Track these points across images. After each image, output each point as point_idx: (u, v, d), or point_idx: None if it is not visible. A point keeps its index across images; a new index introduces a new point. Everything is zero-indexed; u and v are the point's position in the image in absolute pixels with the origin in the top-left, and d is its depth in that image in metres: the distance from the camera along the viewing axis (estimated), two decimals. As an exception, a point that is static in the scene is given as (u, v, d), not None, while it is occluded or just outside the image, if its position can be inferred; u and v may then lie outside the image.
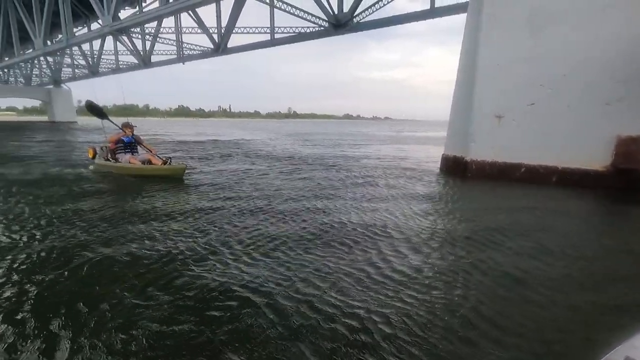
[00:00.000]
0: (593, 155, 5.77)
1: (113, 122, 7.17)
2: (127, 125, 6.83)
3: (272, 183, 6.02)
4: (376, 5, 16.53)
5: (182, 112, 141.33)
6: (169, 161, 6.31)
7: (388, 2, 16.34)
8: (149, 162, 6.49)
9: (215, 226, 3.56)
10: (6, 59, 30.38)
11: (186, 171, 6.26)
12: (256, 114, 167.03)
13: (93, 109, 7.27)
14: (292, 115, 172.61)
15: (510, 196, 5.53)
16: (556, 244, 3.20)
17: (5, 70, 40.57)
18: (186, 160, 7.75)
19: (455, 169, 7.13)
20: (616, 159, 5.60)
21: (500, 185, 6.13)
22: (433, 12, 15.66)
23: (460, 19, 7.54)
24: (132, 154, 6.69)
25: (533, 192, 5.68)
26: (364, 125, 68.08)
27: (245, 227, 3.53)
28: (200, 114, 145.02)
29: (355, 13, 17.30)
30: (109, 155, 6.95)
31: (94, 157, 7.24)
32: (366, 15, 17.13)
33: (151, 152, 6.77)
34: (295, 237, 3.29)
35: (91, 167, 7.19)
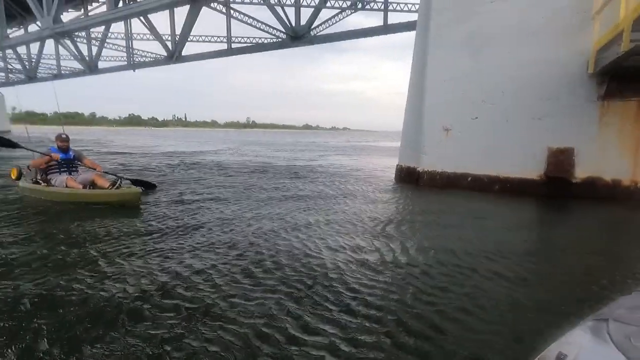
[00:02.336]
0: (529, 165, 6.32)
1: (29, 149, 5.59)
2: (60, 138, 5.47)
3: (238, 202, 5.36)
4: (331, 20, 17.04)
5: (133, 120, 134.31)
6: (119, 182, 5.04)
7: (343, 18, 16.90)
8: (93, 183, 5.23)
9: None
10: None
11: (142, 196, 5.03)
12: (213, 124, 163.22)
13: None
14: (250, 125, 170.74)
15: (455, 202, 5.94)
16: (487, 245, 3.48)
17: None
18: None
19: (409, 178, 7.47)
20: (548, 169, 6.18)
21: (449, 193, 6.52)
22: (386, 29, 16.45)
23: (413, 35, 7.98)
24: (70, 174, 5.37)
25: (477, 199, 6.13)
26: (323, 135, 69.06)
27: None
28: (153, 123, 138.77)
29: (313, 26, 17.69)
30: (39, 177, 5.51)
31: (18, 179, 5.77)
32: (323, 29, 17.59)
33: (96, 170, 5.54)
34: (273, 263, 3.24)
35: (18, 190, 5.80)
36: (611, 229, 4.52)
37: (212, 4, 16.26)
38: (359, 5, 16.51)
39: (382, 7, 16.15)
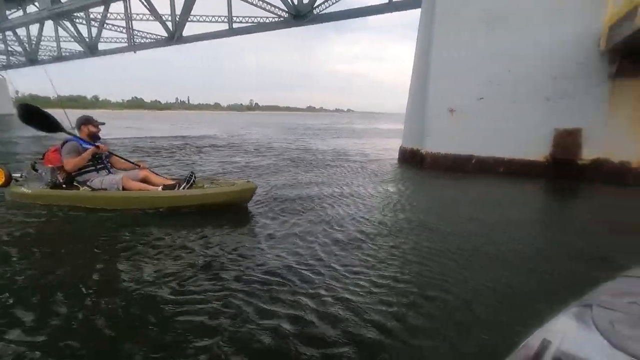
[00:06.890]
0: (534, 147, 6.21)
1: (69, 133, 3.93)
2: (94, 123, 4.01)
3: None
4: (336, -3, 16.52)
5: (136, 104, 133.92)
6: (193, 178, 3.84)
7: (347, -5, 16.36)
8: (146, 182, 3.94)
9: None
10: None
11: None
12: (216, 106, 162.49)
13: (28, 116, 3.80)
14: (253, 107, 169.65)
15: (459, 185, 5.90)
16: (488, 228, 3.46)
17: None
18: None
19: (412, 160, 7.40)
20: (554, 150, 6.08)
21: (453, 175, 6.45)
22: (391, 6, 15.99)
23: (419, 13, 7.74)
24: (109, 172, 3.97)
25: (481, 181, 6.07)
26: (325, 118, 68.44)
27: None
28: (156, 105, 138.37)
29: (316, 4, 17.23)
30: (62, 179, 3.92)
31: (6, 185, 4.05)
32: (326, 7, 17.12)
33: (139, 166, 4.12)
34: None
35: (11, 197, 4.06)
36: (612, 213, 4.42)
37: (212, -18, 15.79)
38: (364, -18, 15.99)
39: (388, -17, 15.64)
